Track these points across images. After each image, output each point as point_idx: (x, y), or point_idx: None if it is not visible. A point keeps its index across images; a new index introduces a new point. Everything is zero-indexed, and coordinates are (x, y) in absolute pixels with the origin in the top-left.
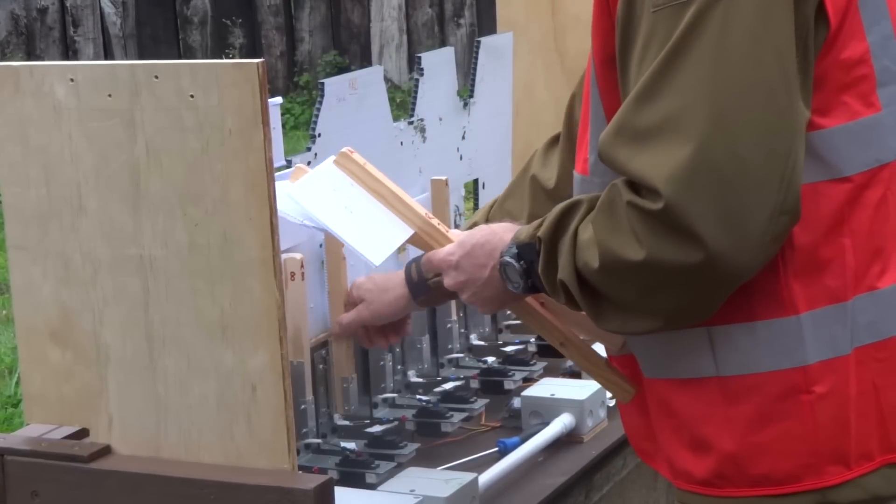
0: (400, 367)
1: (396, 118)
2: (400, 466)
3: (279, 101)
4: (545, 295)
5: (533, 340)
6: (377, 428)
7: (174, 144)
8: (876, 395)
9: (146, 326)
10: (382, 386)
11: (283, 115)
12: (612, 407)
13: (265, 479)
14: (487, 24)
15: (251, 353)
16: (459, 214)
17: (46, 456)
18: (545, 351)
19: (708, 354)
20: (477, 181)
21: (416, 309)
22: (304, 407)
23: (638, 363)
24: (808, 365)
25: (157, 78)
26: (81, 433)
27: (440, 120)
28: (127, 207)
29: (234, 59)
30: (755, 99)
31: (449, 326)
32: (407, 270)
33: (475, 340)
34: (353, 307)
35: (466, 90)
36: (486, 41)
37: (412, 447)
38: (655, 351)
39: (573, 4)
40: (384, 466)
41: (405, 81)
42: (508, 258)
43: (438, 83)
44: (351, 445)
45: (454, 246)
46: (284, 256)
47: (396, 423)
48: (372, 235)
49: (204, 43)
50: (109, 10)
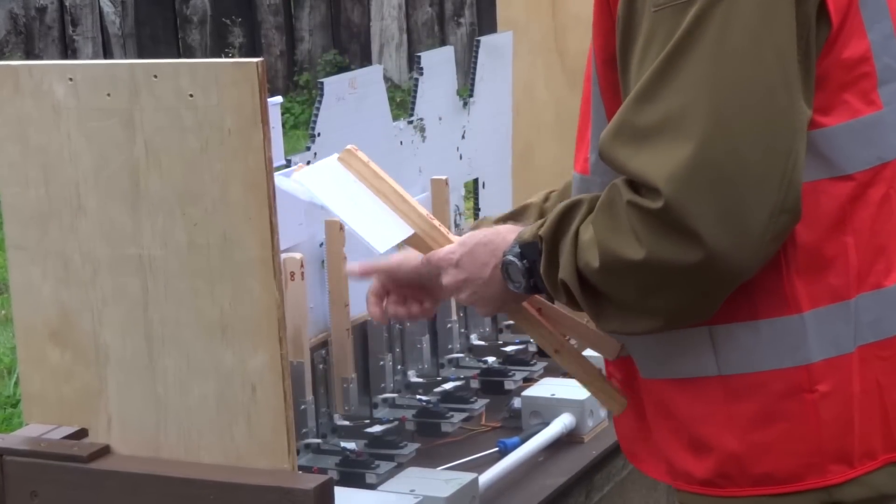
0: (400, 367)
1: (396, 118)
2: (400, 466)
3: (279, 100)
4: (543, 300)
5: (533, 340)
6: (377, 428)
7: (173, 144)
8: (880, 393)
9: (146, 326)
10: (382, 386)
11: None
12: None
13: (265, 479)
14: (487, 23)
15: (251, 353)
16: (459, 214)
17: (46, 456)
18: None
19: (709, 353)
20: (477, 181)
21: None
22: (303, 407)
23: (635, 365)
24: (811, 364)
25: (156, 77)
26: (81, 433)
27: (440, 119)
28: (126, 207)
29: (233, 58)
30: (755, 98)
31: (449, 326)
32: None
33: (475, 340)
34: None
35: (466, 90)
36: (486, 40)
37: (412, 447)
38: (655, 351)
39: (574, 4)
40: (384, 466)
41: (405, 81)
42: (511, 257)
43: (438, 82)
44: (351, 445)
45: (455, 245)
46: (284, 256)
47: (396, 423)
48: (376, 226)
49: (203, 42)
50: (108, 9)
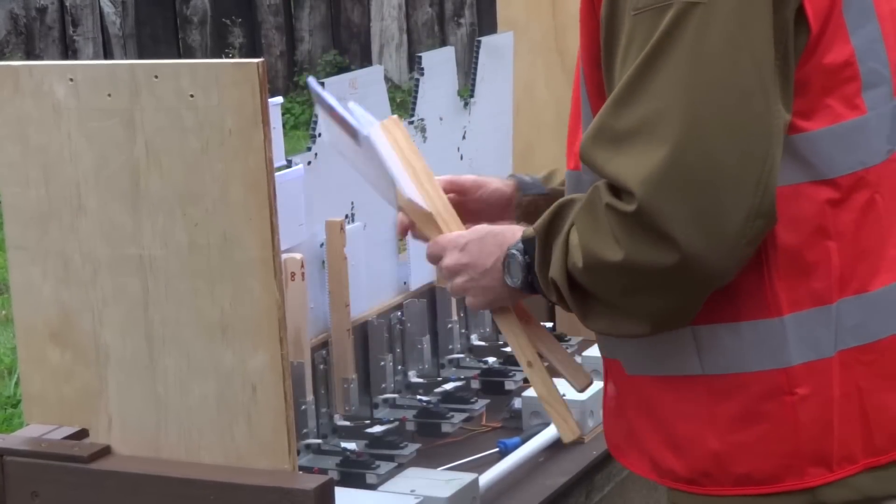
0: (400, 367)
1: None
2: (400, 467)
3: (279, 100)
4: (531, 315)
5: (510, 347)
6: (378, 428)
7: (174, 144)
8: (861, 397)
9: (146, 326)
10: (383, 386)
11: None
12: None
13: (265, 479)
14: (488, 23)
15: (251, 353)
16: None
17: (46, 456)
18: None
19: (693, 353)
20: None
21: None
22: (304, 407)
23: (621, 362)
24: (791, 366)
25: (156, 78)
26: (81, 433)
27: (440, 120)
28: (126, 207)
29: (233, 58)
30: (731, 102)
31: (450, 327)
32: None
33: (476, 341)
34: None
35: (467, 90)
36: (486, 41)
37: (412, 448)
38: (642, 348)
39: (574, 4)
40: (384, 467)
41: (405, 81)
42: (514, 251)
43: (439, 83)
44: (351, 446)
45: (466, 231)
46: (284, 256)
47: (397, 423)
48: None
49: (203, 43)
50: (109, 9)
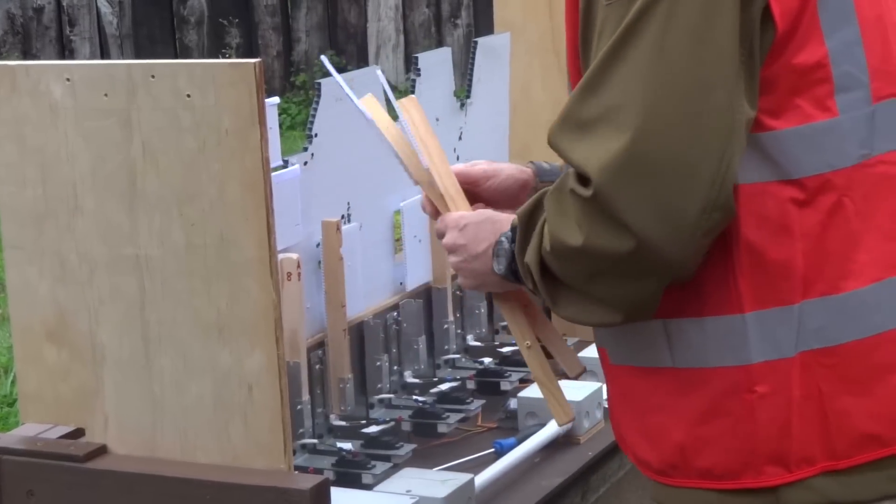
0: (396, 367)
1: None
2: (396, 467)
3: (276, 101)
4: (533, 301)
5: (510, 329)
6: (373, 428)
7: (171, 144)
8: (821, 400)
9: (142, 326)
10: (379, 386)
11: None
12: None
13: (261, 479)
14: (484, 24)
15: (247, 353)
16: None
17: (42, 455)
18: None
19: (665, 345)
20: None
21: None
22: (300, 407)
23: (606, 351)
24: (751, 364)
25: (153, 78)
26: (77, 433)
27: (437, 120)
28: (123, 207)
29: (230, 59)
30: (692, 95)
31: (445, 327)
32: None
33: (472, 341)
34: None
35: (463, 91)
36: (483, 42)
37: (408, 448)
38: (621, 338)
39: None
40: (380, 467)
41: (402, 82)
42: (503, 238)
43: (435, 84)
44: (347, 446)
45: (470, 213)
46: (281, 256)
47: (393, 423)
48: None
49: (200, 43)
50: (106, 9)
